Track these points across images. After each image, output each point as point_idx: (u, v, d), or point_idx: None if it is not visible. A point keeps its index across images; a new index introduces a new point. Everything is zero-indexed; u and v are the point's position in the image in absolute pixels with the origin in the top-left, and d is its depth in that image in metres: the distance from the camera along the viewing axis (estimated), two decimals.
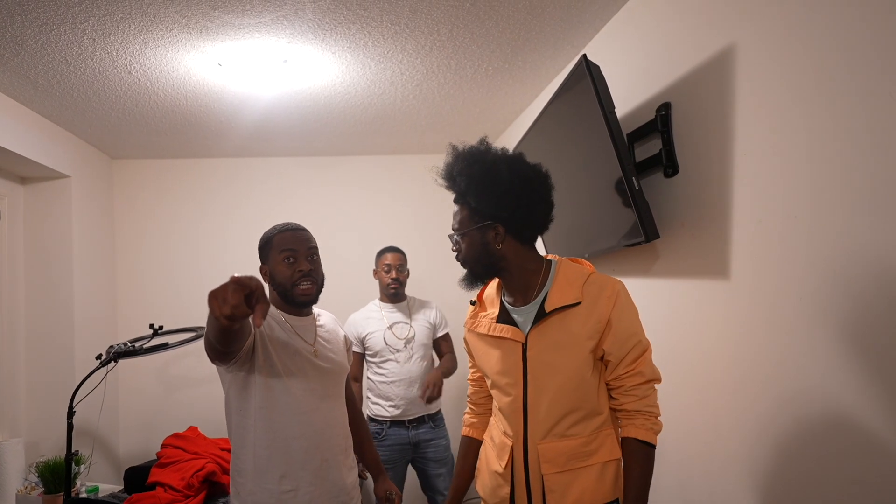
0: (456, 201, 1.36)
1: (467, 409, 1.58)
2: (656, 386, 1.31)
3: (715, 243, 1.43)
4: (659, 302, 1.72)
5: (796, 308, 1.17)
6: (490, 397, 1.50)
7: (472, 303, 1.48)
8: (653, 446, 1.27)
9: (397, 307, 2.72)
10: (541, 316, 1.29)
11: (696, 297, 1.54)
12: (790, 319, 1.19)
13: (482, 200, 1.30)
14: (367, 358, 2.68)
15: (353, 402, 1.88)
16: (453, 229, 1.37)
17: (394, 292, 2.70)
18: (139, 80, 2.29)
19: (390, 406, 2.60)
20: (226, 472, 2.52)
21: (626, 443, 1.28)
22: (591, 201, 1.86)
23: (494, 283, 1.45)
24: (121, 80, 2.28)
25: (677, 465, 1.66)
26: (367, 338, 2.65)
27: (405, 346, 2.63)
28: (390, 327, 2.65)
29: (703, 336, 1.52)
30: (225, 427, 1.63)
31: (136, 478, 2.64)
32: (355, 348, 2.64)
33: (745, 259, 1.33)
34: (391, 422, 2.60)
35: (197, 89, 2.42)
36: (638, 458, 1.25)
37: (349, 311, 2.79)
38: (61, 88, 2.34)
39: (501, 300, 1.39)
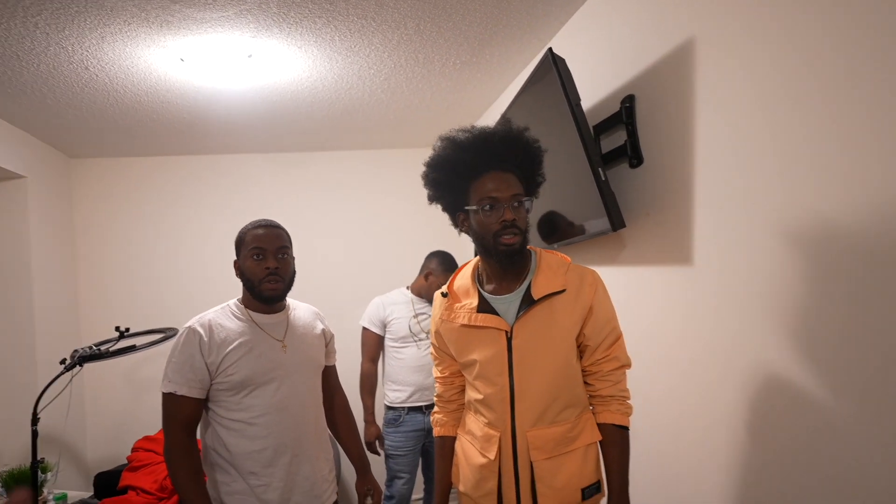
0: (506, 169, 1.29)
1: (437, 409, 1.54)
2: (627, 371, 1.36)
3: (678, 231, 1.48)
4: (627, 289, 1.77)
5: (756, 290, 1.22)
6: (461, 393, 1.49)
7: (444, 294, 1.43)
8: (628, 429, 1.34)
9: (423, 301, 2.72)
10: (527, 304, 1.29)
11: (662, 283, 1.58)
12: (751, 301, 1.24)
13: (532, 175, 1.34)
14: (388, 342, 2.68)
15: (339, 393, 1.88)
16: (516, 194, 1.27)
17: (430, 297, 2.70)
18: (97, 76, 2.22)
19: (408, 392, 2.61)
20: None
21: (604, 428, 1.34)
22: (560, 192, 1.89)
23: (467, 273, 1.43)
24: (77, 76, 2.21)
25: (650, 444, 1.71)
26: (391, 322, 2.66)
27: (427, 336, 2.64)
28: (415, 316, 2.66)
29: (670, 320, 1.57)
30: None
31: (107, 483, 2.59)
32: (375, 329, 2.65)
33: (707, 245, 1.38)
34: (409, 408, 2.61)
35: (158, 85, 2.36)
36: (616, 442, 1.33)
37: (322, 305, 2.78)
38: (13, 85, 2.25)
39: (479, 290, 1.37)
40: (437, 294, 1.46)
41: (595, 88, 1.85)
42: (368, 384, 2.63)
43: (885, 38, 0.91)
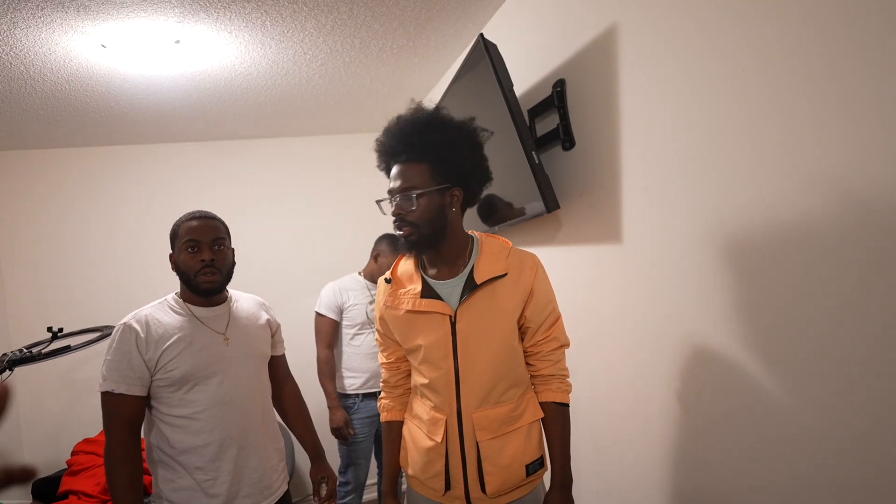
0: (411, 159, 1.29)
1: (383, 394, 1.55)
2: (566, 350, 1.42)
3: (609, 211, 1.55)
4: (563, 268, 1.84)
5: (678, 265, 1.30)
6: (407, 378, 1.51)
7: (388, 280, 1.44)
8: (568, 406, 1.40)
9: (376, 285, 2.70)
10: (470, 288, 1.31)
11: (595, 262, 1.66)
12: (674, 276, 1.32)
13: (451, 161, 1.28)
14: (344, 329, 2.66)
15: (290, 383, 1.87)
16: (404, 189, 1.28)
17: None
18: (10, 63, 2.09)
19: (363, 379, 2.62)
20: (146, 472, 2.43)
21: (545, 406, 1.39)
22: (497, 176, 1.93)
23: (410, 261, 1.43)
24: None
25: (586, 416, 1.80)
26: (348, 308, 2.64)
27: None
28: (371, 302, 2.65)
29: (603, 297, 1.64)
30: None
31: (46, 489, 2.49)
32: (332, 315, 2.63)
33: (635, 224, 1.45)
34: (363, 395, 2.62)
35: (80, 72, 2.25)
36: (558, 419, 1.38)
37: (269, 295, 2.75)
38: None
39: (423, 276, 1.38)
40: (381, 280, 1.47)
41: (528, 72, 1.89)
42: (328, 370, 2.62)
43: (817, 10, 0.95)
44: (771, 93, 1.02)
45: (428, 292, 1.35)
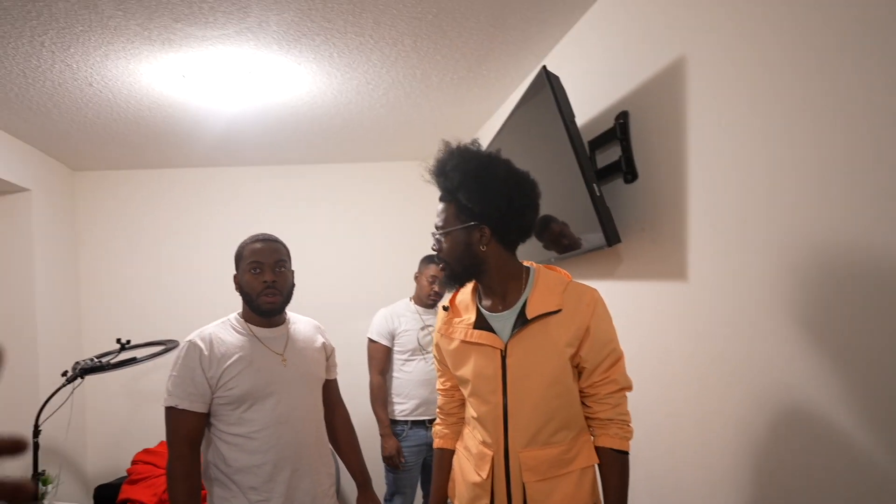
0: (443, 198, 1.33)
1: (438, 420, 1.55)
2: (627, 393, 1.35)
3: (673, 246, 1.49)
4: (622, 304, 1.78)
5: (751, 306, 1.23)
6: (461, 406, 1.49)
7: (445, 308, 1.43)
8: (627, 453, 1.31)
9: (430, 311, 2.72)
10: (522, 322, 1.28)
11: (657, 299, 1.60)
12: (746, 318, 1.25)
13: (473, 199, 1.27)
14: (396, 355, 2.67)
15: (340, 408, 1.88)
16: (436, 227, 1.33)
17: (432, 303, 2.70)
18: (100, 91, 2.26)
19: (412, 405, 2.62)
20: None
21: (602, 452, 1.31)
22: (556, 208, 1.91)
23: (469, 288, 1.42)
24: (81, 92, 2.24)
25: (644, 463, 1.71)
26: (400, 334, 2.66)
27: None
28: (423, 328, 2.66)
29: (664, 337, 1.57)
30: None
31: (107, 495, 2.60)
32: (383, 341, 2.65)
33: (702, 261, 1.39)
34: (412, 422, 2.62)
35: (160, 100, 2.40)
36: (615, 468, 1.30)
37: (323, 318, 2.80)
38: (20, 101, 2.29)
39: (478, 306, 1.37)
40: (440, 307, 1.47)
41: (590, 104, 1.87)
42: (380, 396, 2.62)
43: (883, 49, 0.92)
44: (847, 127, 0.96)
45: (481, 323, 1.33)
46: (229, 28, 1.82)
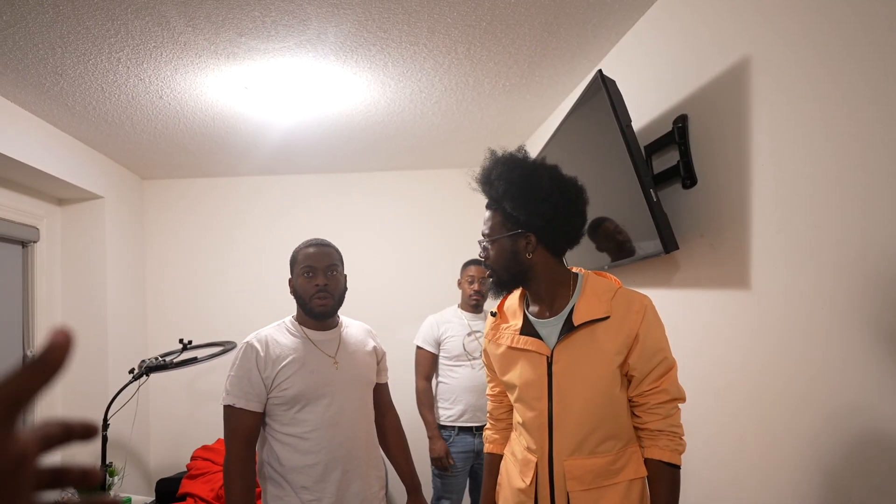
0: (489, 206, 1.35)
1: (488, 425, 1.56)
2: (680, 406, 1.30)
3: (735, 254, 1.44)
4: (680, 313, 1.72)
5: (824, 319, 1.17)
6: (510, 412, 1.48)
7: (493, 314, 1.45)
8: (678, 467, 1.26)
9: (477, 317, 2.74)
10: (568, 329, 1.27)
11: (717, 309, 1.54)
12: (817, 331, 1.19)
13: (518, 207, 1.28)
14: (442, 361, 2.70)
15: (391, 412, 1.89)
16: (483, 234, 1.35)
17: (475, 303, 2.73)
18: (169, 104, 2.38)
19: (459, 411, 2.63)
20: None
21: (650, 464, 1.27)
22: (611, 213, 1.87)
23: (517, 294, 1.43)
24: (152, 104, 2.38)
25: (701, 481, 1.65)
26: (445, 340, 2.69)
27: (481, 356, 2.68)
28: (469, 334, 2.68)
29: (726, 347, 1.51)
30: None
31: (168, 489, 2.71)
32: (429, 348, 2.69)
33: (766, 269, 1.33)
34: (459, 428, 2.63)
35: (224, 111, 2.51)
36: (664, 481, 1.25)
37: (371, 321, 2.85)
38: (96, 114, 2.45)
39: (525, 312, 1.37)
40: (488, 313, 1.49)
41: (646, 108, 1.83)
42: (426, 400, 2.65)
43: None
44: None
45: (528, 329, 1.34)
46: (290, 41, 1.88)
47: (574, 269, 1.39)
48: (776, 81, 1.27)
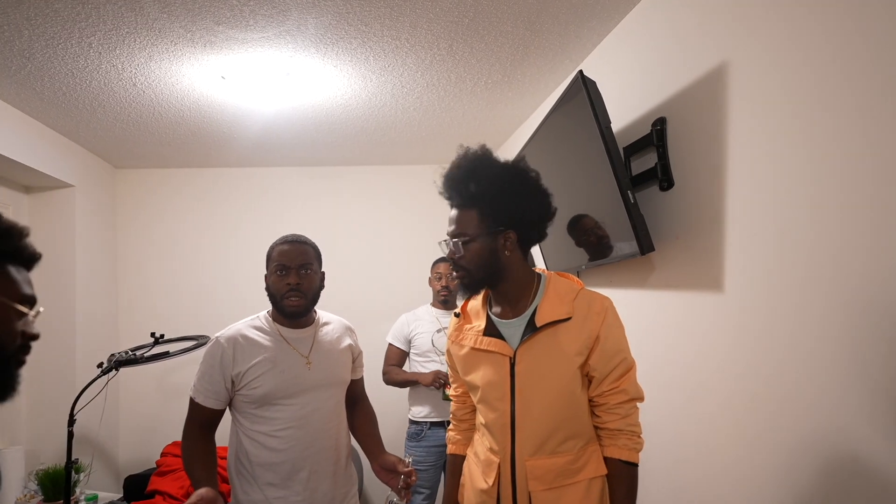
0: (461, 205, 1.31)
1: (451, 427, 1.56)
2: (639, 405, 1.32)
3: (709, 256, 1.45)
4: (655, 313, 1.74)
5: (790, 321, 1.19)
6: (473, 412, 1.48)
7: (457, 314, 1.45)
8: (636, 465, 1.28)
9: (447, 314, 2.75)
10: (531, 330, 1.28)
11: (691, 310, 1.55)
12: (783, 332, 1.21)
13: (500, 205, 1.27)
14: (413, 357, 2.73)
15: (364, 401, 1.85)
16: (455, 234, 1.30)
17: (444, 298, 2.75)
18: (143, 91, 2.32)
19: (430, 406, 2.64)
20: (226, 480, 2.53)
21: (610, 463, 1.29)
22: (589, 214, 1.88)
23: (480, 296, 1.41)
24: (125, 91, 2.31)
25: (669, 477, 1.67)
26: (415, 336, 2.71)
27: None
28: (439, 331, 2.69)
29: (698, 348, 1.53)
30: (225, 436, 1.66)
31: (136, 486, 2.65)
32: (399, 345, 2.72)
33: (739, 272, 1.35)
34: (431, 423, 2.64)
35: (200, 101, 2.46)
36: (623, 479, 1.28)
37: (351, 317, 2.84)
38: (67, 100, 2.38)
39: (488, 313, 1.37)
40: (452, 314, 1.48)
41: (626, 110, 1.84)
42: (394, 370, 2.68)
43: None
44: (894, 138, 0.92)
45: (491, 330, 1.34)
46: (269, 31, 1.85)
47: (537, 270, 1.39)
48: (752, 87, 1.28)
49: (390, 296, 3.62)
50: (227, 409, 1.64)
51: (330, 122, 2.83)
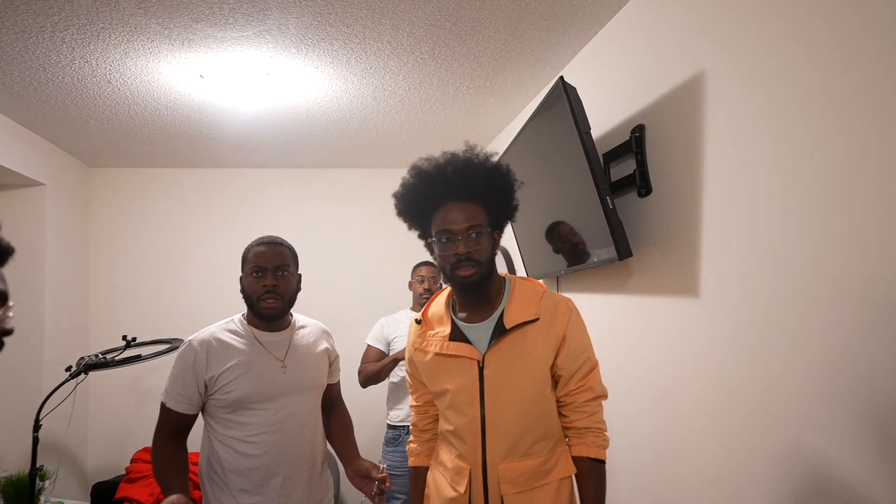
0: (470, 199, 1.27)
1: (411, 438, 1.52)
2: (603, 402, 1.34)
3: (685, 262, 1.47)
4: (632, 319, 1.75)
5: (762, 326, 1.21)
6: (435, 422, 1.46)
7: (418, 321, 1.41)
8: (604, 462, 1.30)
9: None
10: (500, 332, 1.27)
11: (668, 315, 1.57)
12: (757, 336, 1.22)
13: (501, 206, 1.31)
14: None
15: (339, 406, 1.83)
16: (470, 227, 1.25)
17: (425, 302, 2.70)
18: (119, 89, 2.28)
19: (408, 410, 2.61)
20: (198, 487, 2.47)
21: (579, 462, 1.30)
22: (568, 219, 1.89)
23: (441, 300, 1.41)
24: (100, 88, 2.26)
25: (649, 480, 1.68)
26: (393, 340, 2.68)
27: None
28: None
29: (675, 352, 1.55)
30: (197, 442, 1.62)
31: (104, 493, 2.58)
32: (379, 346, 2.69)
33: (714, 277, 1.37)
34: (408, 427, 2.61)
35: (178, 100, 2.42)
36: (592, 477, 1.29)
37: (329, 321, 2.80)
38: (38, 96, 2.32)
39: (453, 318, 1.35)
40: (412, 321, 1.44)
41: (606, 117, 1.86)
42: (369, 365, 2.63)
43: None
44: (871, 143, 0.94)
45: (457, 335, 1.32)
46: (249, 30, 1.83)
47: (502, 274, 1.39)
48: (729, 96, 1.31)
49: (369, 300, 3.59)
50: (200, 415, 1.60)
51: (311, 125, 2.80)
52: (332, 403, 1.82)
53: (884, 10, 0.93)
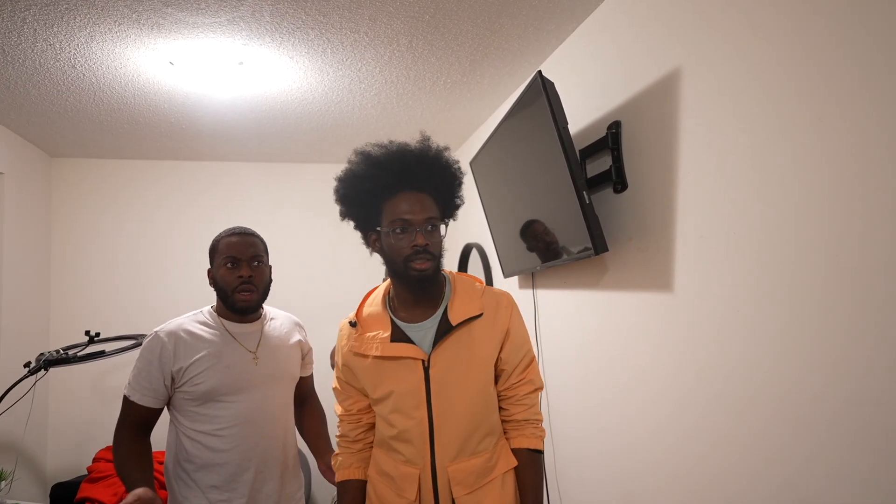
0: (421, 189, 1.23)
1: (339, 451, 1.40)
2: (539, 394, 1.35)
3: (660, 257, 1.48)
4: (606, 314, 1.77)
5: (734, 320, 1.22)
6: (368, 431, 1.37)
7: (353, 324, 1.33)
8: (542, 453, 1.31)
9: None
10: (445, 330, 1.23)
11: (642, 310, 1.58)
12: (731, 331, 1.24)
13: (450, 198, 1.30)
14: None
15: (312, 399, 1.81)
16: (432, 217, 1.22)
17: None
18: (84, 74, 2.19)
19: None
20: (163, 486, 2.41)
21: (519, 454, 1.31)
22: (545, 214, 1.89)
23: (377, 300, 1.34)
24: (63, 74, 2.18)
25: (620, 476, 1.69)
26: None
27: None
28: None
29: (648, 347, 1.56)
30: (161, 441, 1.57)
31: (64, 494, 2.49)
32: None
33: (688, 273, 1.38)
34: None
35: (146, 87, 2.34)
36: (532, 467, 1.30)
37: (301, 315, 2.76)
38: None
39: (392, 318, 1.29)
40: (344, 323, 1.36)
41: (583, 113, 1.87)
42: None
43: (873, 68, 0.93)
44: (843, 139, 0.96)
45: (398, 336, 1.26)
46: (222, 16, 1.78)
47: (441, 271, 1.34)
48: (703, 93, 1.32)
49: (344, 295, 3.55)
50: (165, 409, 1.56)
51: (284, 116, 2.75)
52: (305, 397, 1.79)
53: (853, 10, 0.95)
